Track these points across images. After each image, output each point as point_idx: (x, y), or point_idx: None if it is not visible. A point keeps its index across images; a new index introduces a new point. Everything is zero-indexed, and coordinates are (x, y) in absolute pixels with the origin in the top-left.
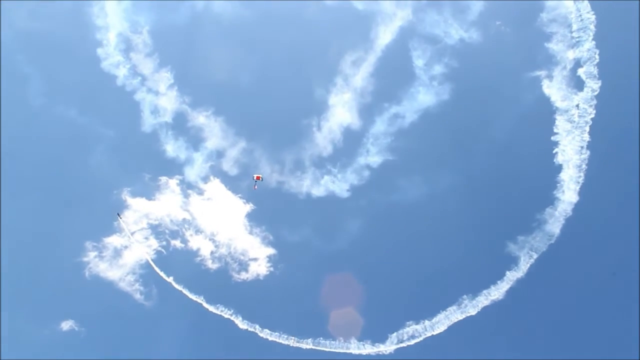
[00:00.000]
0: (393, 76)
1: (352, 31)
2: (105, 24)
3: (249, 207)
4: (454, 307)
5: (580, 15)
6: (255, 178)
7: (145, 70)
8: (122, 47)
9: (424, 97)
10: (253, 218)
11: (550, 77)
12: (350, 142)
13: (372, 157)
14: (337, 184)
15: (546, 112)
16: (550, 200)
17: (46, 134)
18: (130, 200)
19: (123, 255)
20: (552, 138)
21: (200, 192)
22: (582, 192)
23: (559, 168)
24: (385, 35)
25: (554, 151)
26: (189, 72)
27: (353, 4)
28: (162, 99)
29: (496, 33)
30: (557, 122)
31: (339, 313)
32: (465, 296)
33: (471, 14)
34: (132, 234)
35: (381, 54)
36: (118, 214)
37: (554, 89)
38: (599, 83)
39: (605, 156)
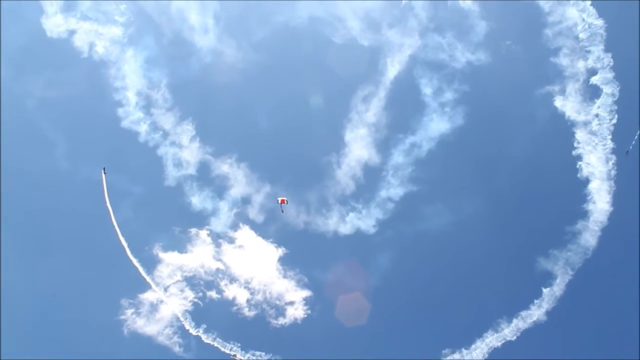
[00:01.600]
0: (405, 107)
1: (360, 67)
2: (123, 84)
3: (281, 251)
4: (491, 332)
5: (586, 23)
6: (280, 202)
7: (167, 125)
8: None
9: (437, 124)
10: (286, 261)
11: (563, 91)
12: (371, 177)
13: (394, 189)
14: (362, 220)
15: (564, 126)
16: (581, 213)
17: (74, 196)
18: (162, 255)
19: (159, 310)
20: (574, 152)
21: (231, 241)
22: (614, 201)
23: (586, 181)
24: (393, 67)
25: (577, 165)
26: (208, 122)
27: (358, 40)
28: (184, 151)
29: (504, 53)
30: (576, 136)
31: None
32: (500, 319)
33: (475, 36)
34: (167, 288)
35: (390, 86)
36: (103, 169)
37: (568, 103)
38: (618, 87)
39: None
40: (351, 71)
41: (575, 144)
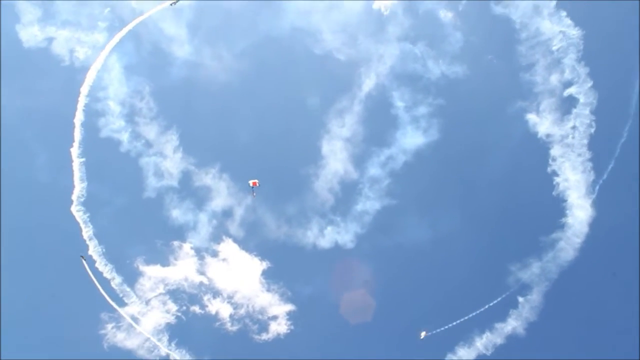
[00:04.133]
0: (380, 120)
1: (337, 80)
2: (105, 94)
3: (264, 265)
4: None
5: (561, 35)
6: (251, 184)
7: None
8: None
9: (412, 138)
10: (269, 275)
11: (539, 104)
12: (348, 190)
13: (371, 202)
14: (341, 235)
15: (540, 140)
16: (560, 224)
17: (53, 207)
18: (144, 268)
19: (140, 323)
20: (551, 163)
21: (215, 254)
22: (595, 209)
23: (564, 191)
24: (369, 81)
25: (554, 181)
26: (190, 132)
27: (337, 52)
28: (167, 161)
29: (483, 66)
30: (553, 148)
31: None
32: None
33: (451, 48)
34: (147, 301)
35: (366, 99)
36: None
37: (544, 116)
38: (595, 96)
39: (613, 172)
40: (331, 82)
41: (552, 154)
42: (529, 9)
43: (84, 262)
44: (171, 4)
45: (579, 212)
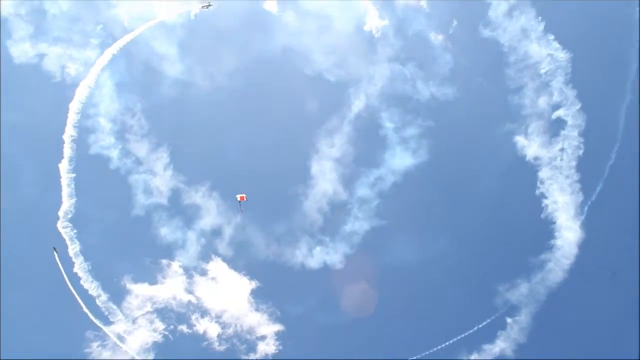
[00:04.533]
0: (370, 141)
1: (327, 101)
2: (96, 111)
3: (253, 284)
4: None
5: (549, 58)
6: (239, 199)
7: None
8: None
9: (401, 160)
10: (258, 295)
11: (526, 128)
12: (337, 210)
13: (360, 222)
14: (330, 255)
15: (528, 162)
16: (549, 246)
17: (41, 225)
18: (131, 286)
19: (126, 342)
20: (540, 185)
21: (204, 273)
22: (584, 230)
23: (553, 213)
24: (359, 102)
25: (543, 203)
26: (180, 151)
27: (328, 72)
28: (157, 179)
29: (468, 89)
30: (541, 171)
31: None
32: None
33: (441, 69)
34: (135, 320)
35: (356, 120)
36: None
37: (532, 139)
38: (584, 118)
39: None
40: (321, 103)
41: (541, 177)
42: (518, 32)
43: (55, 254)
44: (203, 7)
45: (568, 233)
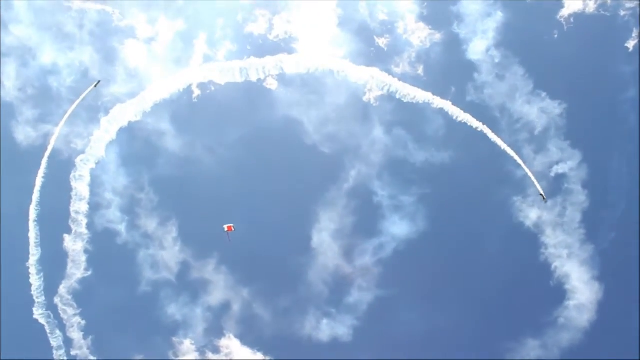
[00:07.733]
0: (369, 211)
1: (324, 172)
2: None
3: None
4: None
5: (543, 114)
6: (226, 229)
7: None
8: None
9: (399, 228)
10: None
11: (524, 188)
12: (341, 281)
13: (364, 292)
14: (337, 328)
15: (529, 225)
16: (561, 307)
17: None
18: None
19: None
20: (546, 244)
21: (216, 350)
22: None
23: (566, 273)
24: (354, 171)
25: (553, 265)
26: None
27: (323, 144)
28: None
29: (463, 154)
30: (545, 232)
31: None
32: None
33: (434, 133)
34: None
35: (352, 191)
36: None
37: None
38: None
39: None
40: (321, 173)
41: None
42: (507, 93)
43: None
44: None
45: (579, 294)
